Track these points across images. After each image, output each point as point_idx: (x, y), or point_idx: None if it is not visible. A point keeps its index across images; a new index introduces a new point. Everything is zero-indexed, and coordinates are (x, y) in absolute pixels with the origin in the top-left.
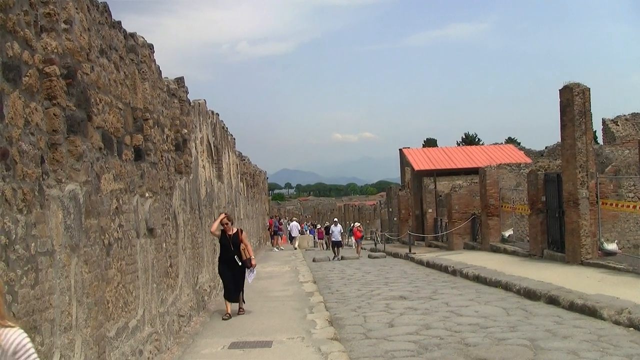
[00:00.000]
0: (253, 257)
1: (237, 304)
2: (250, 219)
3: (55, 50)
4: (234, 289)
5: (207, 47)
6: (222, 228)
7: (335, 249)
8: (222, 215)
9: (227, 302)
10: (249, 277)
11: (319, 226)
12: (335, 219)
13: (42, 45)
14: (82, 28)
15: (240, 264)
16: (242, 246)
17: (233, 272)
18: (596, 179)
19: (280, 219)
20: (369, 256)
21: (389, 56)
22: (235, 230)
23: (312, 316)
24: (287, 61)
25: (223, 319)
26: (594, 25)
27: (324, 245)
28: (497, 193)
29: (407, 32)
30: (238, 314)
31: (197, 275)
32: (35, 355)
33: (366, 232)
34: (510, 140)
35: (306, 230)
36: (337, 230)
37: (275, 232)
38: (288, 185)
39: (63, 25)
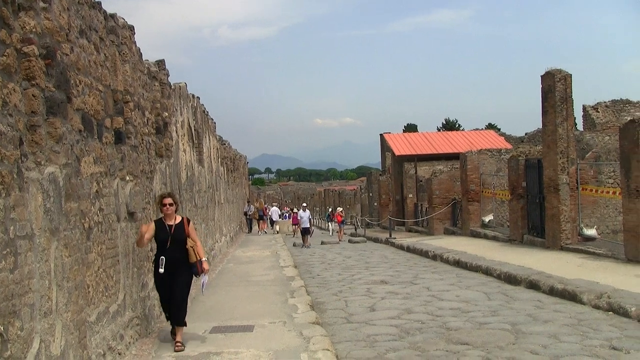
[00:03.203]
0: (205, 258)
1: (178, 327)
2: (230, 203)
3: (34, 30)
4: (172, 304)
5: (188, 31)
6: (160, 216)
7: (304, 236)
8: (162, 193)
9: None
10: (202, 285)
11: (295, 210)
12: (304, 204)
13: (20, 25)
14: (62, 7)
15: (162, 269)
16: (189, 242)
17: (175, 281)
18: (577, 165)
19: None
20: (350, 241)
21: (371, 42)
22: (179, 219)
23: (294, 300)
24: (269, 46)
25: (176, 349)
26: (577, 13)
27: (294, 232)
28: (477, 178)
29: (389, 18)
30: (175, 349)
31: None
32: None
33: (346, 217)
34: (490, 126)
35: (285, 216)
36: (305, 215)
37: (260, 217)
38: (268, 170)
39: (42, 4)
